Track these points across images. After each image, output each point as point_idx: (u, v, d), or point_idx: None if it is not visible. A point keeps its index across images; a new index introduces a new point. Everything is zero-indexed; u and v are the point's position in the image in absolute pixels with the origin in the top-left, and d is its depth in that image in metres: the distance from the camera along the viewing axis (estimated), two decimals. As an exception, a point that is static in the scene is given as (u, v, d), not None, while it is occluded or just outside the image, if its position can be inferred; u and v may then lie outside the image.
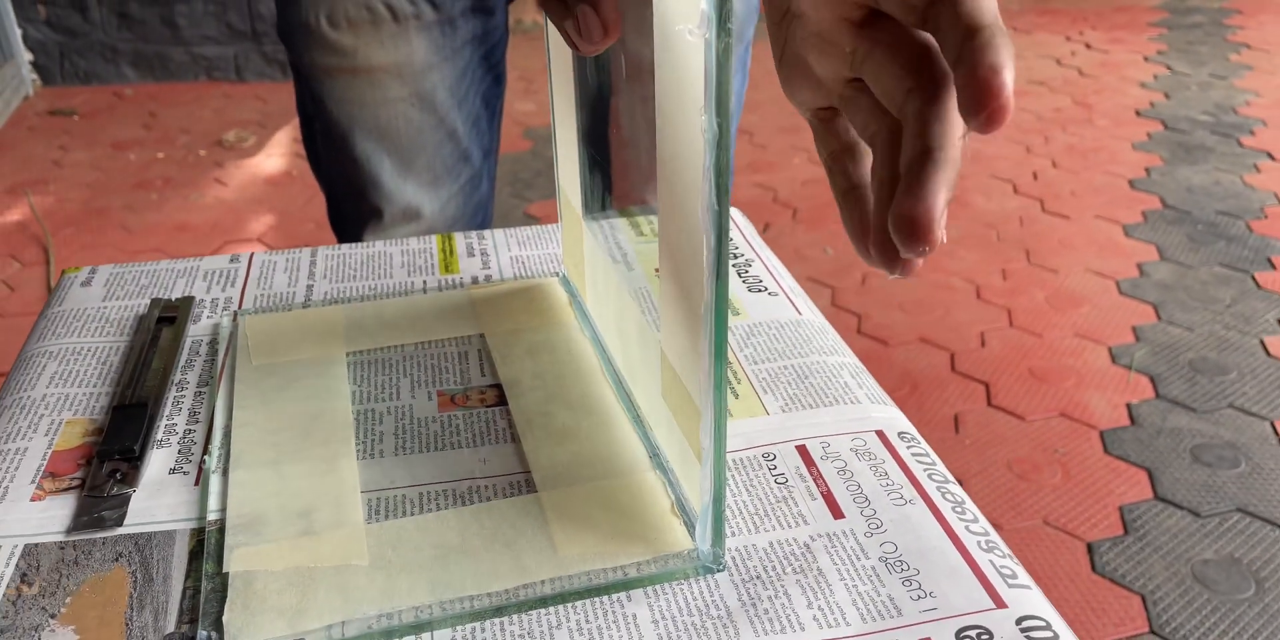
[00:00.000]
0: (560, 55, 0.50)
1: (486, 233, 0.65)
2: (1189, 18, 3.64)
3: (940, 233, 0.31)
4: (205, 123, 2.77)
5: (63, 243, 2.15)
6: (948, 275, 1.98)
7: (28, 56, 2.88)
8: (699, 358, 0.35)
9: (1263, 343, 1.76)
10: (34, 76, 2.91)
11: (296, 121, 0.94)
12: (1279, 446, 1.51)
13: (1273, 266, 2.00)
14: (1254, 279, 1.96)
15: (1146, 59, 3.20)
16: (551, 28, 0.49)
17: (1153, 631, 1.20)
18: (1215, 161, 2.47)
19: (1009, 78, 0.29)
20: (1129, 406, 1.60)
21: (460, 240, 0.64)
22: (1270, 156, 2.49)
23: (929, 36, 0.33)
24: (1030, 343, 1.76)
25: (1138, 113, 2.77)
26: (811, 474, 0.45)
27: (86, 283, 0.60)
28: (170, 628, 0.38)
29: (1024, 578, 0.40)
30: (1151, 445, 1.51)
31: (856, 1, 0.34)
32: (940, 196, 0.31)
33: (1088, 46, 3.32)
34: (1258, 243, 2.10)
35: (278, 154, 2.58)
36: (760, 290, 0.60)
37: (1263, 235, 2.12)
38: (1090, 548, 1.33)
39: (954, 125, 0.32)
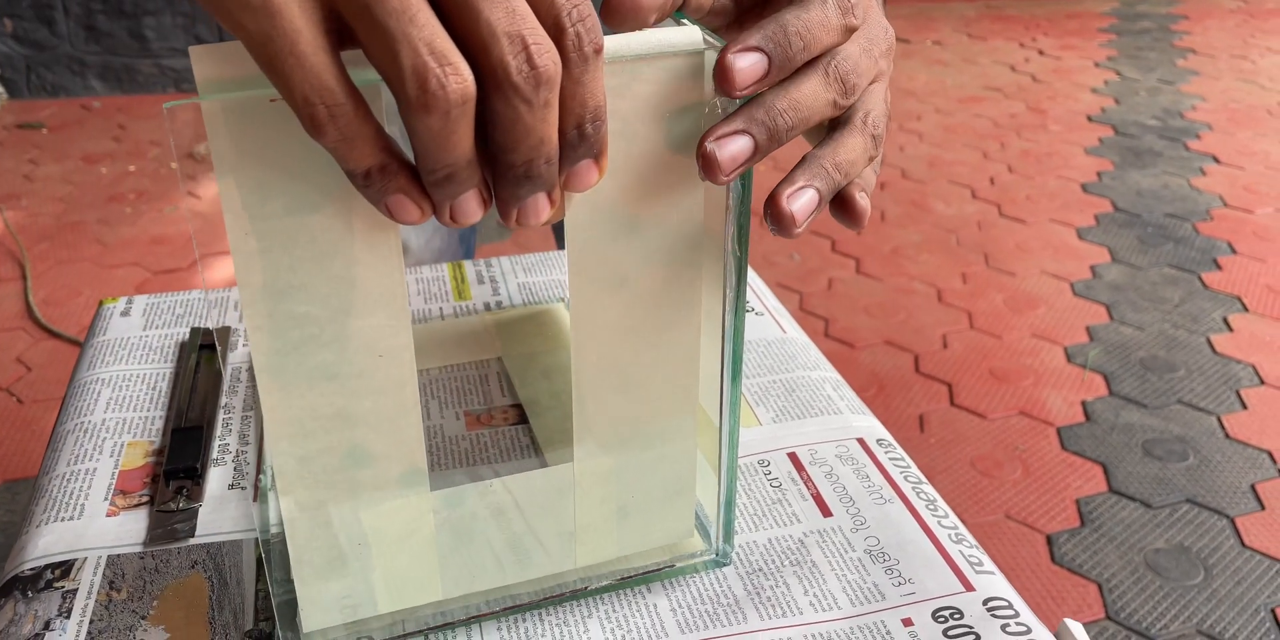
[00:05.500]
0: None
1: (494, 260, 0.71)
2: (1137, 23, 3.75)
3: (795, 218, 0.35)
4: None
5: (38, 257, 2.17)
6: (910, 279, 2.05)
7: (-5, 70, 2.89)
8: (716, 381, 0.41)
9: (1209, 341, 1.85)
10: (0, 90, 2.92)
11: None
12: (1225, 440, 1.59)
13: (1218, 267, 2.09)
14: (1200, 279, 2.05)
15: (1097, 65, 3.30)
16: None
17: (1109, 617, 1.28)
18: (1164, 165, 2.57)
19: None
20: (1084, 404, 1.68)
21: (470, 268, 0.70)
22: (1215, 160, 2.59)
23: None
24: (990, 344, 1.84)
25: (1089, 118, 2.87)
26: (802, 478, 0.51)
27: (125, 313, 0.65)
28: (249, 625, 0.43)
29: (989, 565, 0.46)
30: (1106, 441, 1.59)
31: None
32: (796, 186, 0.35)
33: (1040, 53, 3.42)
34: (1204, 244, 2.19)
35: (250, 166, 2.60)
36: (748, 311, 0.66)
37: (1209, 237, 2.22)
38: (1050, 539, 1.40)
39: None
